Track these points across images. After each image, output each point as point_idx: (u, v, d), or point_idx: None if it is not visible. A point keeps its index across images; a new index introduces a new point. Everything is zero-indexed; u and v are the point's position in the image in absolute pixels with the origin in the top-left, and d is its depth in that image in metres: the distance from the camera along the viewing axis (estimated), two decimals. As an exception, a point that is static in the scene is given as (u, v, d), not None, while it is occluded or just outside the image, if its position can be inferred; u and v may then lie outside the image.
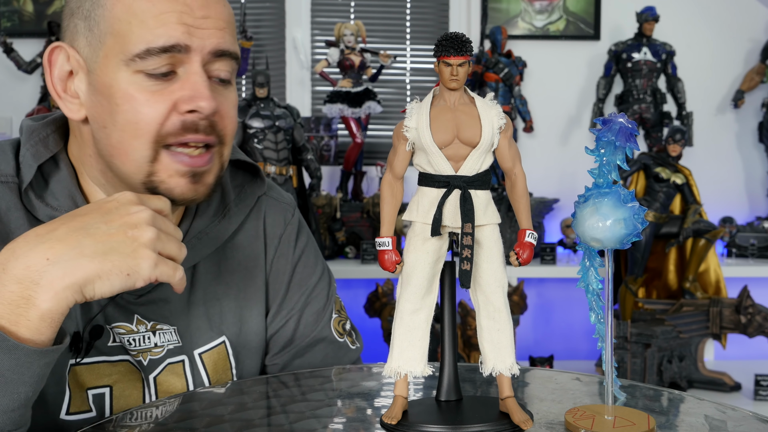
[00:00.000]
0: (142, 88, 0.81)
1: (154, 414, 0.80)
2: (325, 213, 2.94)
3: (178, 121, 0.82)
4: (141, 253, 0.72)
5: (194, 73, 0.82)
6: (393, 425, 0.69)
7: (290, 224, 1.05)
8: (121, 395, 0.90)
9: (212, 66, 0.85)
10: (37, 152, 0.87)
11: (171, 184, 0.84)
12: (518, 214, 0.72)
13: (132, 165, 0.83)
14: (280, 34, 3.39)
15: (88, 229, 0.72)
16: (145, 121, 0.81)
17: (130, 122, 0.81)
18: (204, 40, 0.82)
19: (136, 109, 0.81)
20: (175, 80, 0.82)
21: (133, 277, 0.72)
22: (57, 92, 0.86)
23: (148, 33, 0.80)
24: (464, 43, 0.68)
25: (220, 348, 0.97)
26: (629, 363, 2.57)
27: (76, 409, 0.87)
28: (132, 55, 0.80)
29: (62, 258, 0.69)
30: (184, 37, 0.81)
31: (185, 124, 0.82)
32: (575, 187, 0.96)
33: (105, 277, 0.70)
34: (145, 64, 0.80)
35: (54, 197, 0.87)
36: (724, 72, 3.48)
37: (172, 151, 0.83)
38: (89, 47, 0.83)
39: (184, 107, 0.82)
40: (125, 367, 0.91)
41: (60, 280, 0.69)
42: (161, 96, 0.81)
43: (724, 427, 0.73)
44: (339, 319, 1.07)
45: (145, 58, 0.80)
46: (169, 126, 0.82)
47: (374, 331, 2.92)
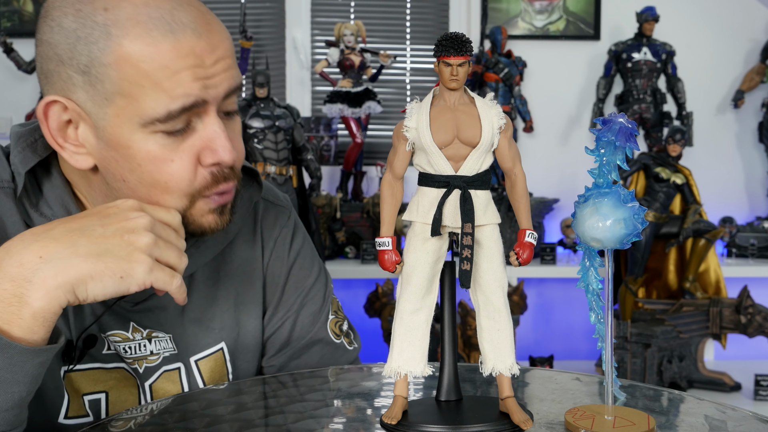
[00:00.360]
0: (162, 146, 0.79)
1: (154, 414, 0.80)
2: (325, 213, 2.94)
3: (207, 174, 0.82)
4: (136, 257, 0.71)
5: (211, 124, 0.80)
6: (393, 425, 0.69)
7: (286, 226, 1.05)
8: (117, 401, 0.90)
9: (223, 104, 0.83)
10: (25, 158, 0.85)
11: (202, 222, 0.84)
12: (518, 214, 0.72)
13: None
14: (280, 34, 3.39)
15: (84, 230, 0.72)
16: (175, 180, 0.80)
17: (158, 181, 0.80)
18: (218, 88, 0.80)
19: (162, 169, 0.79)
20: (192, 132, 0.80)
21: (127, 280, 0.71)
22: (58, 144, 0.81)
23: (164, 96, 0.76)
24: (464, 43, 0.68)
25: (218, 354, 0.97)
26: (629, 363, 2.57)
27: (74, 414, 0.88)
28: (151, 119, 0.77)
29: (55, 256, 0.69)
30: (202, 93, 0.78)
31: (215, 177, 0.82)
32: (575, 187, 0.96)
33: (98, 278, 0.70)
34: (164, 126, 0.78)
35: (48, 206, 0.86)
36: (724, 72, 3.48)
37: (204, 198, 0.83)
38: (92, 102, 0.78)
39: (207, 161, 0.81)
40: (120, 373, 0.91)
41: (52, 278, 0.68)
42: (183, 152, 0.79)
43: (724, 427, 0.72)
44: (336, 320, 1.07)
45: (166, 121, 0.77)
46: (201, 181, 0.81)
47: (374, 331, 2.91)
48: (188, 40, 0.76)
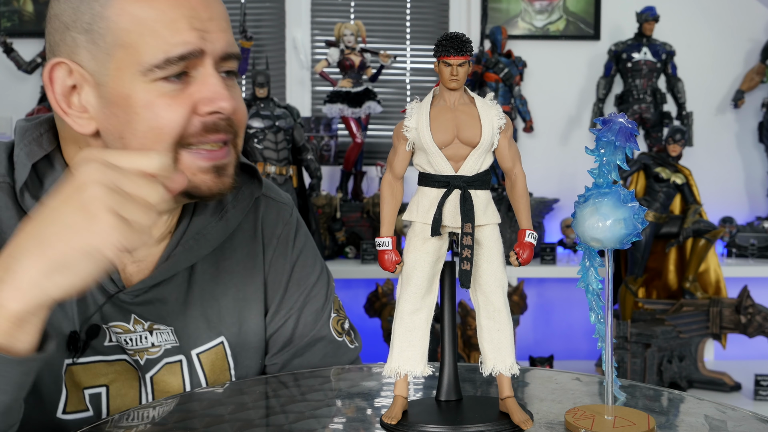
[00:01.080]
0: (162, 93, 0.81)
1: (154, 414, 0.80)
2: (325, 213, 2.94)
3: (198, 122, 0.83)
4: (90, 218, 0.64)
5: (210, 75, 0.83)
6: (393, 425, 0.69)
7: (288, 224, 1.05)
8: (117, 394, 0.90)
9: (221, 64, 0.86)
10: (31, 151, 0.86)
11: (196, 182, 0.84)
12: (518, 214, 0.72)
13: None
14: (280, 34, 3.39)
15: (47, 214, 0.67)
16: (168, 126, 0.81)
17: (152, 129, 0.81)
18: (214, 43, 0.83)
19: (158, 114, 0.81)
20: (190, 82, 0.83)
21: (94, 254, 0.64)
22: (62, 109, 0.84)
23: (163, 43, 0.80)
24: (464, 43, 0.68)
25: (218, 348, 0.97)
26: (629, 363, 2.57)
27: (72, 409, 0.87)
28: (151, 66, 0.80)
29: (20, 251, 0.65)
30: (200, 42, 0.82)
31: (206, 125, 0.83)
32: (575, 187, 0.96)
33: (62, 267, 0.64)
34: (163, 72, 0.81)
35: None
36: (724, 72, 3.48)
37: (190, 150, 0.84)
38: (95, 60, 0.82)
39: (204, 109, 0.83)
40: (122, 366, 0.91)
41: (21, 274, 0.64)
42: (180, 100, 0.82)
43: (724, 427, 0.72)
44: (338, 318, 1.07)
45: (165, 67, 0.80)
46: (191, 128, 0.83)
47: (374, 331, 2.91)
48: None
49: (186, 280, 0.95)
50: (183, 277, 0.94)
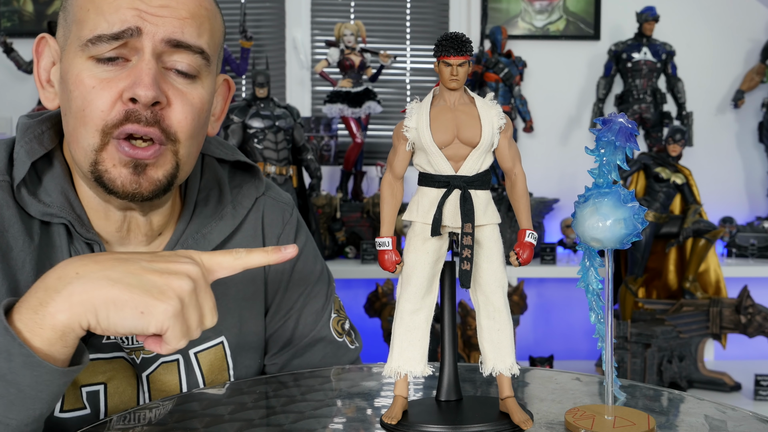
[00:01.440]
0: (92, 74, 0.81)
1: (154, 414, 0.80)
2: (325, 213, 2.94)
3: (121, 110, 0.81)
4: (165, 296, 0.68)
5: (142, 61, 0.81)
6: (393, 425, 0.69)
7: (288, 224, 1.05)
8: (115, 392, 0.90)
9: (169, 57, 0.83)
10: (32, 149, 0.87)
11: (113, 174, 0.82)
12: (518, 214, 0.72)
13: (81, 152, 0.83)
14: (280, 34, 3.39)
15: (129, 260, 0.71)
16: (91, 108, 0.81)
17: (79, 109, 0.82)
18: (157, 26, 0.81)
19: (84, 95, 0.81)
20: (125, 68, 0.82)
21: (147, 317, 0.68)
22: (41, 82, 0.89)
23: (102, 19, 0.81)
24: (464, 43, 0.68)
25: (218, 348, 0.97)
26: (629, 363, 2.57)
27: (70, 407, 0.87)
28: (85, 40, 0.81)
29: (89, 275, 0.68)
30: (136, 21, 0.80)
31: (127, 114, 0.81)
32: (575, 187, 0.96)
33: (120, 307, 0.68)
34: (96, 50, 0.81)
35: (47, 194, 0.86)
36: (724, 72, 3.48)
37: (118, 141, 0.82)
38: (63, 37, 0.86)
39: (125, 95, 0.81)
40: (120, 363, 0.90)
41: (78, 294, 0.67)
42: (109, 84, 0.81)
43: (724, 427, 0.72)
44: (338, 318, 1.07)
45: (96, 43, 0.81)
46: (113, 115, 0.81)
47: (374, 331, 2.91)
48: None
49: None
50: None
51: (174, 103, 0.83)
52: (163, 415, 0.79)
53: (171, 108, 0.83)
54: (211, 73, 0.88)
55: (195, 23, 0.84)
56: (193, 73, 0.85)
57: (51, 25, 3.13)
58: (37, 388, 0.68)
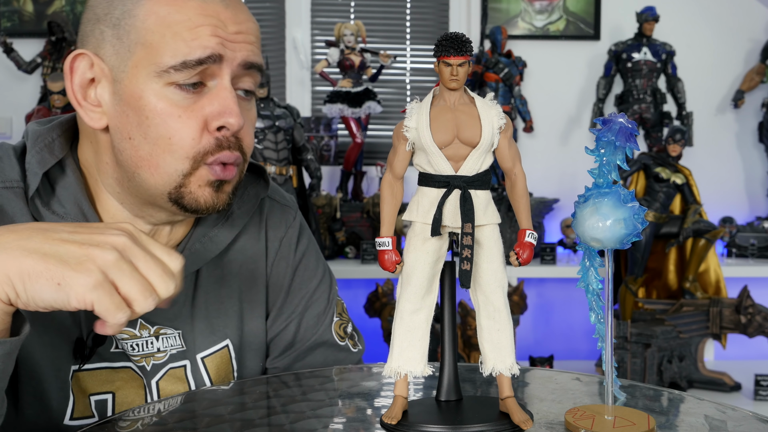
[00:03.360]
0: (173, 102, 0.81)
1: (154, 414, 0.80)
2: (325, 213, 2.94)
3: (212, 139, 0.83)
4: (84, 267, 0.63)
5: (224, 88, 0.83)
6: (393, 425, 0.69)
7: (291, 227, 1.05)
8: (123, 401, 0.90)
9: (239, 79, 0.86)
10: (43, 159, 0.86)
11: (198, 194, 0.84)
12: (518, 214, 0.72)
13: (162, 177, 0.83)
14: (280, 34, 3.39)
15: (49, 230, 0.66)
16: (179, 137, 0.82)
17: (162, 137, 0.81)
18: (236, 52, 0.83)
19: (168, 124, 0.81)
20: (204, 94, 0.83)
21: (64, 289, 0.63)
22: (77, 100, 0.85)
23: (183, 45, 0.80)
24: (464, 43, 0.68)
25: (224, 352, 0.97)
26: (629, 363, 2.57)
27: (79, 415, 0.88)
28: (166, 67, 0.80)
29: (4, 245, 0.64)
30: (219, 48, 0.81)
31: (220, 142, 0.83)
32: (575, 187, 0.96)
33: (35, 278, 0.63)
34: (178, 76, 0.80)
35: (60, 204, 0.86)
36: (724, 72, 3.48)
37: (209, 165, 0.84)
38: (116, 56, 0.82)
39: (213, 124, 0.82)
40: (127, 373, 0.91)
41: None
42: (192, 112, 0.82)
43: (724, 427, 0.72)
44: (340, 322, 1.07)
45: (180, 70, 0.80)
46: (205, 144, 0.83)
47: (374, 331, 2.92)
48: (215, 5, 0.82)
49: (192, 283, 0.95)
50: (189, 280, 0.94)
51: (245, 125, 0.86)
52: (164, 415, 0.80)
53: (244, 131, 0.86)
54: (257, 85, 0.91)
55: (259, 44, 0.88)
56: (253, 90, 0.89)
57: (51, 25, 3.13)
58: None
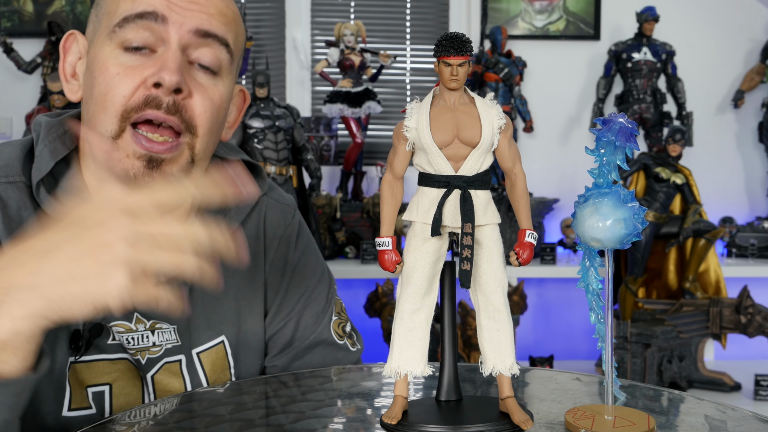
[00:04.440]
0: (118, 62, 0.83)
1: (154, 414, 0.80)
2: (325, 213, 2.94)
3: (142, 95, 0.82)
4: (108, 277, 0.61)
5: (168, 50, 0.83)
6: (393, 425, 0.69)
7: (290, 225, 1.05)
8: (120, 393, 0.90)
9: (195, 50, 0.85)
10: (55, 149, 0.88)
11: (126, 165, 0.82)
12: (518, 214, 0.72)
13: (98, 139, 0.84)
14: (280, 34, 3.39)
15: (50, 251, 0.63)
16: (113, 94, 0.82)
17: (101, 94, 0.83)
18: (185, 17, 0.83)
19: (108, 81, 0.82)
20: (150, 58, 0.83)
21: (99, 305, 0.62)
22: (65, 76, 0.90)
23: (130, 4, 0.83)
24: (464, 43, 0.68)
25: (219, 348, 0.97)
26: (629, 363, 2.57)
27: (77, 406, 0.88)
28: (113, 26, 0.83)
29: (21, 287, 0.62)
30: (163, 8, 0.82)
31: (148, 98, 0.82)
32: (575, 187, 0.96)
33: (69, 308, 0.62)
34: (123, 34, 0.82)
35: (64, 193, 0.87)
36: (724, 72, 3.48)
37: (135, 131, 0.82)
38: (93, 31, 0.88)
39: (149, 81, 0.82)
40: (124, 365, 0.91)
41: (18, 309, 0.62)
42: (134, 71, 0.82)
43: (724, 427, 0.72)
44: (339, 321, 1.07)
45: (123, 26, 0.82)
46: (134, 100, 0.82)
47: (374, 331, 2.91)
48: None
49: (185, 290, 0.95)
50: None
51: (195, 96, 0.84)
52: (164, 415, 0.79)
53: (192, 99, 0.84)
54: (231, 73, 0.90)
55: (222, 20, 0.86)
56: (216, 68, 0.87)
57: (51, 25, 3.13)
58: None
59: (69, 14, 3.35)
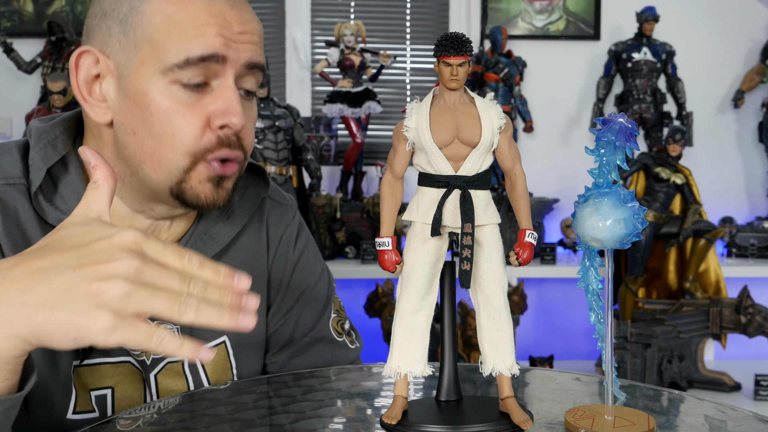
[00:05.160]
0: (177, 100, 0.82)
1: (154, 414, 0.80)
2: (325, 213, 2.94)
3: (213, 137, 0.84)
4: (96, 313, 0.58)
5: (227, 88, 0.84)
6: (393, 425, 0.69)
7: (291, 225, 1.06)
8: (123, 396, 0.90)
9: (242, 79, 0.87)
10: (46, 155, 0.87)
11: (198, 190, 0.85)
12: (518, 214, 0.72)
13: (164, 173, 0.84)
14: (280, 34, 3.39)
15: (50, 271, 0.60)
16: (182, 134, 0.82)
17: (166, 134, 0.82)
18: (240, 52, 0.84)
19: (172, 121, 0.82)
20: (207, 93, 0.84)
21: (82, 340, 0.59)
22: (82, 95, 0.86)
23: (187, 43, 0.81)
24: (464, 43, 0.68)
25: (220, 348, 0.97)
26: (629, 363, 2.57)
27: (81, 409, 0.88)
28: (171, 65, 0.81)
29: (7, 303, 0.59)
30: (223, 48, 0.82)
31: (221, 140, 0.84)
32: (575, 187, 0.96)
33: (48, 335, 0.59)
34: (182, 74, 0.81)
35: (63, 200, 0.87)
36: (724, 72, 3.48)
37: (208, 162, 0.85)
38: (122, 52, 0.83)
39: (216, 122, 0.83)
40: (126, 368, 0.91)
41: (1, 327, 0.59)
42: (195, 110, 0.83)
43: (724, 427, 0.72)
44: (338, 318, 1.08)
45: (184, 68, 0.81)
46: (206, 141, 0.84)
47: (374, 331, 2.92)
48: (221, 5, 0.83)
49: None
50: None
51: (246, 124, 0.87)
52: (164, 415, 0.80)
53: (245, 130, 0.87)
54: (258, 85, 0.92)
55: (262, 44, 0.89)
56: (256, 90, 0.90)
57: (51, 25, 3.13)
58: None
59: (69, 14, 3.35)
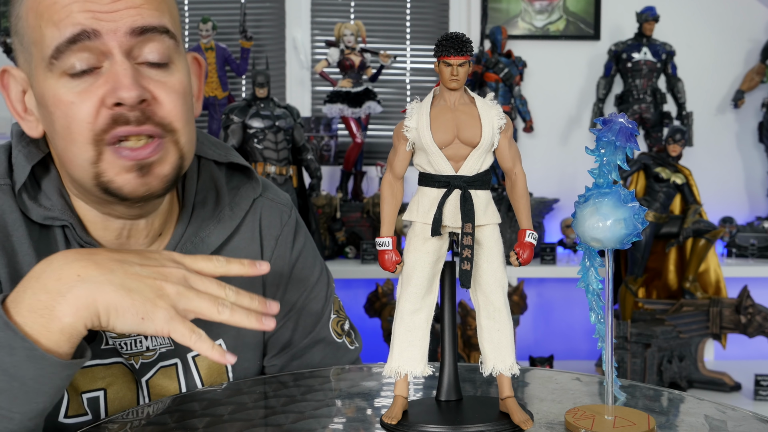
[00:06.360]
0: (68, 90, 0.78)
1: (154, 414, 0.80)
2: (325, 213, 2.94)
3: (107, 115, 0.78)
4: (162, 302, 0.72)
5: (115, 63, 0.78)
6: (393, 425, 0.69)
7: (287, 225, 1.04)
8: (115, 398, 0.90)
9: (139, 50, 0.80)
10: (30, 153, 0.86)
11: (119, 182, 0.80)
12: (518, 214, 0.72)
13: (79, 170, 0.81)
14: (280, 34, 3.39)
15: (124, 262, 0.73)
16: (76, 123, 0.78)
17: (64, 128, 0.79)
18: (116, 21, 0.77)
19: (66, 113, 0.78)
20: (100, 75, 0.78)
21: (146, 323, 0.72)
22: (18, 113, 0.85)
23: (56, 31, 0.77)
24: (464, 43, 0.68)
25: None
26: (629, 363, 2.57)
27: (73, 413, 0.88)
28: (48, 58, 0.77)
29: (92, 279, 0.71)
30: (91, 22, 0.76)
31: (114, 117, 0.78)
32: (575, 187, 0.96)
33: (122, 312, 0.71)
34: (63, 64, 0.77)
35: (46, 197, 0.86)
36: (724, 72, 3.48)
37: (114, 147, 0.80)
38: (26, 63, 0.82)
39: (109, 101, 0.78)
40: (119, 369, 0.91)
41: (84, 298, 0.70)
42: (87, 94, 0.78)
43: (724, 427, 0.72)
44: (338, 319, 1.07)
45: (60, 57, 0.77)
46: (100, 123, 0.78)
47: (374, 331, 2.91)
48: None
49: None
50: None
51: (159, 96, 0.81)
52: (163, 415, 0.79)
53: (157, 102, 0.81)
54: (181, 54, 0.85)
55: (152, 5, 0.80)
56: (165, 60, 0.82)
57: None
58: (40, 381, 0.69)
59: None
